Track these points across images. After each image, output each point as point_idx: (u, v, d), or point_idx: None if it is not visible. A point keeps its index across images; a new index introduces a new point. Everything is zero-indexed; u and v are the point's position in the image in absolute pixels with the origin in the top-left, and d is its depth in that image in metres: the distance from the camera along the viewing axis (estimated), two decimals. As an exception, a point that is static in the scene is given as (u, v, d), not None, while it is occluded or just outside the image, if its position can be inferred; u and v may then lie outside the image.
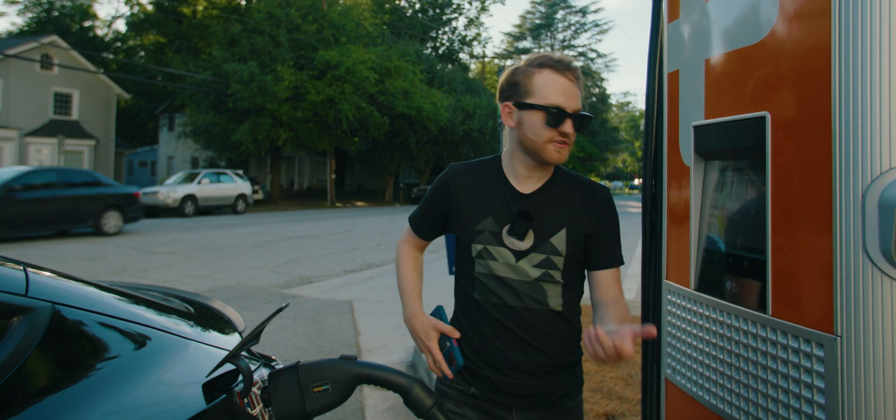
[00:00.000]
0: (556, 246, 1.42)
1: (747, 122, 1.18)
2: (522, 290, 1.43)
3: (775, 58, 1.11)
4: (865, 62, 0.93)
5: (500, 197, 1.46)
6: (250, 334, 1.23)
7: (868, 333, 0.93)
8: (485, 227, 1.46)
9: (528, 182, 1.46)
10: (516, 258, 1.43)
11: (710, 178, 1.37)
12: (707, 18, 1.34)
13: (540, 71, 1.42)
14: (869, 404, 0.93)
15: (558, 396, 1.47)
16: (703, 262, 1.36)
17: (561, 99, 1.38)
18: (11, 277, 0.94)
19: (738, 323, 1.20)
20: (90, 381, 0.98)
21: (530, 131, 1.41)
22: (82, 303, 1.05)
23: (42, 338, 0.92)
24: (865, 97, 0.93)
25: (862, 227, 0.93)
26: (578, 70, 1.44)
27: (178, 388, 1.13)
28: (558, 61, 1.42)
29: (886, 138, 0.92)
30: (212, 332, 1.37)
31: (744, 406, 1.19)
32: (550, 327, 1.44)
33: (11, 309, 0.90)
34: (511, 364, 1.45)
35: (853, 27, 0.94)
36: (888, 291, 0.92)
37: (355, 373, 1.23)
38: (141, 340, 1.13)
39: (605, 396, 3.35)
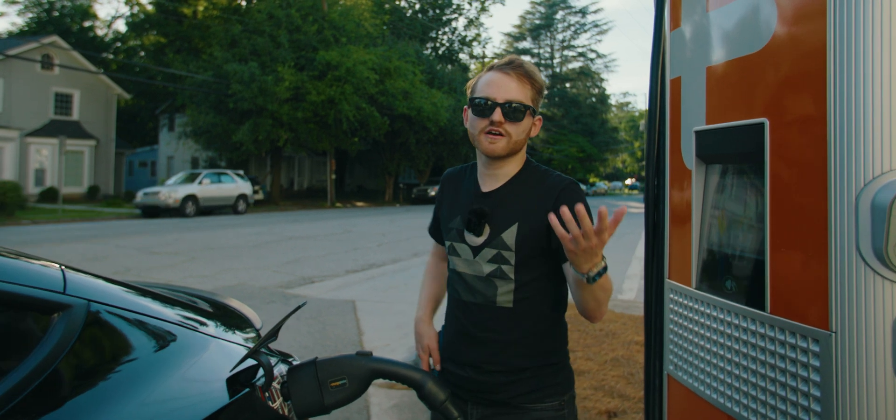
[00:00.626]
0: (505, 241, 1.45)
1: (747, 128, 1.23)
2: (475, 286, 1.50)
3: (773, 67, 1.17)
4: (858, 74, 0.98)
5: (467, 196, 1.55)
6: (270, 332, 1.28)
7: (861, 329, 0.98)
8: (453, 225, 1.55)
9: (490, 181, 1.53)
10: (473, 254, 1.50)
11: (711, 180, 1.42)
12: (708, 27, 1.39)
13: (486, 73, 1.52)
14: (861, 396, 0.98)
15: (514, 395, 1.47)
16: (704, 261, 1.42)
17: (490, 90, 1.45)
18: (51, 276, 1.00)
19: (737, 320, 1.26)
20: (123, 375, 1.03)
21: (470, 126, 1.51)
22: (114, 301, 1.10)
23: (79, 333, 0.97)
24: (858, 106, 0.98)
25: (855, 229, 0.99)
26: (523, 67, 1.48)
27: (203, 382, 1.18)
28: (503, 62, 1.51)
29: (878, 145, 0.97)
30: (231, 330, 1.42)
31: (743, 400, 1.24)
32: (498, 325, 1.47)
33: (52, 306, 0.95)
34: (464, 358, 1.52)
35: (847, 41, 1.00)
36: (880, 290, 0.97)
37: (371, 368, 1.29)
38: (168, 337, 1.18)
39: (606, 394, 3.40)
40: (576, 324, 5.16)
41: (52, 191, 26.04)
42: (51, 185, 27.17)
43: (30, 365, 0.86)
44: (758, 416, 1.19)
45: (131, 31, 38.70)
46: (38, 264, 1.03)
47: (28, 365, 0.86)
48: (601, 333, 4.81)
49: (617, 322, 5.25)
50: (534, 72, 1.50)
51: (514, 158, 1.52)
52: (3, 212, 17.94)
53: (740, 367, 1.25)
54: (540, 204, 1.45)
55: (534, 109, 1.49)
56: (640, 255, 11.24)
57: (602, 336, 4.73)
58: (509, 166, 1.52)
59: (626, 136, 71.40)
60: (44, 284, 0.96)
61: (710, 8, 1.39)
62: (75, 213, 21.04)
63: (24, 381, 0.84)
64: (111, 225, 17.64)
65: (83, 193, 29.33)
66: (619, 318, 5.43)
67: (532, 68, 1.51)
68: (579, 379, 3.66)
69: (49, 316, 0.95)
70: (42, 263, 1.05)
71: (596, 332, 4.84)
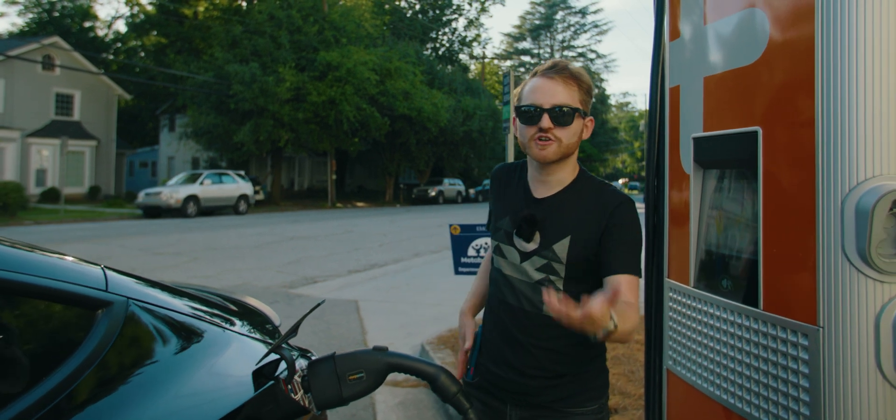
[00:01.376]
0: (557, 253, 1.45)
1: (741, 136, 1.30)
2: (522, 290, 1.50)
3: (766, 79, 1.24)
4: (844, 88, 1.06)
5: (519, 199, 1.56)
6: (291, 328, 1.36)
7: (846, 325, 1.06)
8: (502, 226, 1.56)
9: (542, 187, 1.54)
10: (521, 259, 1.50)
11: (708, 185, 1.50)
12: (705, 40, 1.47)
13: (531, 79, 1.52)
14: (846, 387, 1.06)
15: (554, 400, 1.49)
16: (701, 261, 1.49)
17: (537, 97, 1.46)
18: (94, 275, 1.07)
19: (733, 317, 1.33)
20: (159, 369, 1.11)
21: (519, 134, 1.52)
22: (149, 299, 1.17)
23: (121, 329, 1.04)
24: (843, 118, 1.06)
25: (841, 231, 1.06)
26: (568, 70, 1.47)
27: (230, 375, 1.25)
28: (548, 67, 1.50)
29: (862, 153, 1.05)
30: (253, 327, 1.50)
31: (738, 392, 1.31)
32: (543, 332, 1.47)
33: (96, 302, 1.02)
34: (505, 360, 1.53)
35: (833, 59, 1.07)
36: (863, 288, 1.04)
37: (387, 362, 1.36)
38: (198, 333, 1.25)
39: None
40: (577, 323, 5.23)
41: (53, 191, 26.10)
42: (52, 185, 27.23)
43: (81, 356, 0.93)
44: (751, 406, 1.27)
45: (132, 32, 38.77)
46: (83, 264, 1.11)
47: (79, 356, 0.94)
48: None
49: (617, 321, 5.32)
50: (580, 73, 1.49)
51: (567, 165, 1.51)
52: (6, 212, 18.01)
53: (735, 360, 1.32)
54: (593, 217, 1.45)
55: (583, 111, 1.48)
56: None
57: (603, 335, 4.80)
58: (562, 173, 1.51)
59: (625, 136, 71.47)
60: (89, 282, 1.03)
61: (707, 21, 1.47)
62: (77, 213, 21.11)
63: (77, 370, 0.91)
64: (113, 225, 17.72)
65: (84, 194, 29.40)
66: (619, 318, 5.50)
67: (578, 69, 1.50)
68: (581, 376, 3.73)
69: (94, 312, 1.02)
70: (83, 263, 1.13)
71: (596, 331, 4.91)
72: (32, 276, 0.93)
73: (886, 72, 1.04)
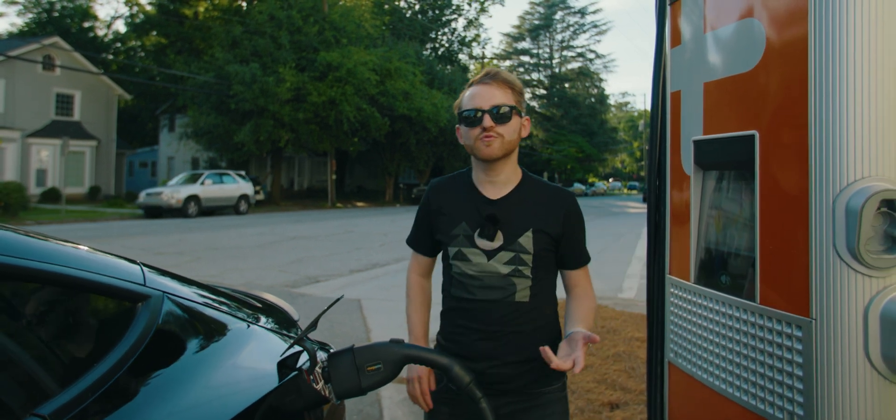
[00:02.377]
0: (524, 245, 1.61)
1: (739, 139, 1.38)
2: (493, 284, 1.62)
3: (762, 85, 1.32)
4: (835, 95, 1.13)
5: (471, 204, 1.66)
6: (311, 323, 1.43)
7: (836, 317, 1.13)
8: (459, 232, 1.65)
9: (493, 189, 1.66)
10: (488, 258, 1.62)
11: (708, 185, 1.57)
12: (705, 47, 1.54)
13: (468, 88, 1.67)
14: (837, 374, 1.13)
15: (525, 384, 1.62)
16: (701, 258, 1.57)
17: (476, 102, 1.60)
18: (133, 271, 1.14)
19: (731, 311, 1.41)
20: (193, 359, 1.18)
21: (464, 138, 1.64)
22: (182, 294, 1.25)
23: (159, 321, 1.12)
24: (835, 123, 1.13)
25: (832, 229, 1.14)
26: (502, 76, 1.65)
27: (257, 366, 1.33)
28: (482, 76, 1.66)
29: (851, 157, 1.12)
30: (275, 322, 1.57)
31: (736, 381, 1.39)
32: (516, 318, 1.62)
33: (137, 296, 1.10)
34: (480, 354, 1.62)
35: (826, 67, 1.15)
36: (852, 282, 1.12)
37: (404, 354, 1.43)
38: (226, 326, 1.33)
39: (609, 387, 3.55)
40: (578, 321, 5.31)
41: (53, 191, 26.15)
42: (52, 185, 27.28)
43: (126, 345, 1.00)
44: (749, 395, 1.34)
45: (132, 32, 38.82)
46: (123, 261, 1.18)
47: (124, 345, 1.01)
48: (603, 330, 4.96)
49: (618, 319, 5.41)
50: (511, 77, 1.67)
51: (510, 163, 1.66)
52: (7, 213, 18.06)
53: (733, 352, 1.40)
54: (550, 213, 1.64)
55: (519, 110, 1.64)
56: (639, 255, 11.40)
57: (604, 333, 4.88)
58: (507, 171, 1.65)
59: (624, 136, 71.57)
60: (131, 278, 1.10)
61: (706, 29, 1.54)
62: (78, 213, 21.16)
63: (123, 358, 0.98)
64: (114, 225, 17.77)
65: (84, 194, 29.44)
66: (619, 316, 5.59)
67: (508, 75, 1.67)
68: (582, 373, 3.80)
69: (134, 304, 1.09)
70: (122, 259, 1.20)
71: (598, 330, 4.99)
72: (84, 271, 1.00)
73: (874, 81, 1.12)
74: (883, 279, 1.11)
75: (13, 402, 0.85)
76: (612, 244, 13.52)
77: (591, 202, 39.81)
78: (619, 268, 9.85)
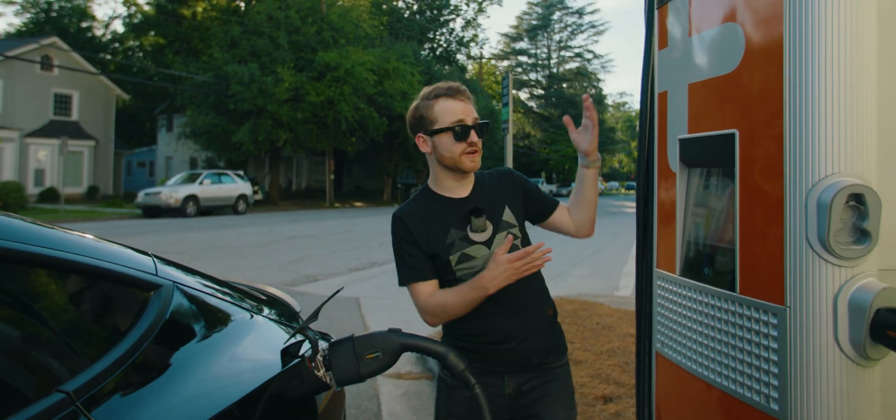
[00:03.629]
0: (508, 221, 1.77)
1: (721, 138, 1.45)
2: None
3: (742, 87, 1.39)
4: (807, 96, 1.20)
5: (448, 211, 1.75)
6: (313, 313, 1.50)
7: (809, 304, 1.20)
8: (453, 238, 1.74)
9: (461, 189, 1.78)
10: (489, 246, 1.74)
11: (693, 182, 1.64)
12: (690, 50, 1.61)
13: (436, 101, 1.74)
14: (809, 360, 1.20)
15: (543, 358, 1.77)
16: (686, 252, 1.64)
17: (457, 116, 1.70)
18: (145, 262, 1.21)
19: (713, 301, 1.48)
20: (201, 344, 1.25)
21: (446, 150, 1.72)
22: (191, 284, 1.31)
23: (171, 308, 1.18)
24: (807, 123, 1.20)
25: (805, 222, 1.21)
26: (465, 91, 1.78)
27: (261, 353, 1.39)
28: (447, 89, 1.75)
29: (823, 154, 1.19)
30: (277, 312, 1.64)
31: (718, 368, 1.46)
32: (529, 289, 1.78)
33: (150, 285, 1.16)
34: (504, 335, 1.73)
35: (800, 69, 1.22)
36: (823, 271, 1.19)
37: (401, 343, 1.50)
38: (231, 315, 1.39)
39: (602, 381, 3.63)
40: (574, 318, 5.38)
41: (51, 191, 26.16)
42: (50, 185, 27.30)
43: (139, 330, 1.07)
44: (729, 380, 1.41)
45: (130, 32, 38.84)
46: (135, 252, 1.25)
47: (138, 330, 1.07)
48: (598, 327, 5.04)
49: (613, 316, 5.48)
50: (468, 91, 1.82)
51: None
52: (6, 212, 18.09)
53: (716, 340, 1.47)
54: (507, 189, 1.84)
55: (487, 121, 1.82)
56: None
57: (599, 329, 4.96)
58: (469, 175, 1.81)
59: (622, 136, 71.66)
60: (144, 268, 1.17)
61: (691, 33, 1.61)
62: (77, 213, 21.19)
63: (137, 342, 1.05)
64: (113, 225, 17.81)
65: (83, 194, 29.46)
66: (615, 313, 5.66)
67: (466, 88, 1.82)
68: (577, 368, 3.88)
69: (147, 293, 1.16)
70: (134, 251, 1.26)
71: (593, 326, 5.07)
72: (101, 261, 1.07)
73: (843, 84, 1.19)
74: (851, 269, 1.18)
75: (39, 380, 0.92)
76: (610, 243, 13.60)
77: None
78: (616, 267, 9.93)
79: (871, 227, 1.17)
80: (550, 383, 1.77)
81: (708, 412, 1.54)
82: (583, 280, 8.32)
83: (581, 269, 9.51)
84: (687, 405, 1.67)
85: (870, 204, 1.17)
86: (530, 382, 1.75)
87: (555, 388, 1.78)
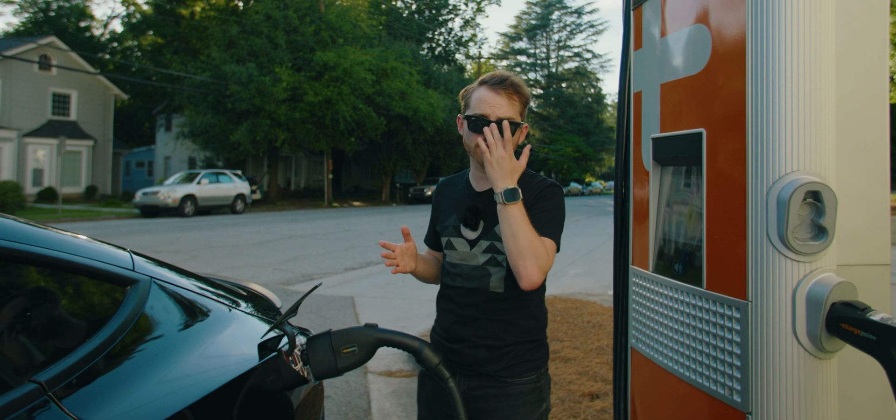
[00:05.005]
0: (498, 234, 1.67)
1: (690, 137, 1.48)
2: (471, 274, 1.73)
3: (708, 87, 1.42)
4: (768, 98, 1.24)
5: (462, 197, 1.77)
6: (291, 308, 1.53)
7: (769, 298, 1.23)
8: (449, 222, 1.77)
9: (483, 182, 1.75)
10: (470, 246, 1.73)
11: (665, 180, 1.68)
12: (661, 51, 1.64)
13: (477, 88, 1.71)
14: (768, 351, 1.23)
15: (498, 369, 1.70)
16: (658, 248, 1.67)
17: (484, 108, 1.65)
18: (122, 257, 1.24)
19: (682, 296, 1.51)
20: (177, 338, 1.28)
21: (465, 137, 1.72)
22: (168, 279, 1.34)
23: (146, 302, 1.21)
24: (768, 122, 1.24)
25: (765, 219, 1.24)
26: (512, 85, 1.67)
27: (238, 346, 1.42)
28: (491, 78, 1.70)
29: (782, 153, 1.22)
30: (257, 308, 1.67)
31: (686, 362, 1.49)
32: (490, 306, 1.70)
33: (126, 280, 1.19)
34: (458, 336, 1.73)
35: (762, 72, 1.25)
36: (782, 266, 1.22)
37: (377, 337, 1.54)
38: (210, 310, 1.42)
39: (590, 379, 3.66)
40: (566, 316, 5.42)
41: (50, 191, 26.18)
42: (49, 185, 27.31)
43: (114, 324, 1.10)
44: (696, 374, 1.45)
45: (129, 32, 38.86)
46: (112, 248, 1.28)
47: (113, 324, 1.10)
48: (589, 325, 5.07)
49: (604, 315, 5.51)
50: (521, 85, 1.71)
51: None
52: (4, 212, 18.12)
53: (685, 335, 1.50)
54: (525, 201, 1.67)
55: (520, 122, 1.71)
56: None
57: (589, 328, 4.99)
58: None
59: (621, 135, 71.48)
60: (120, 263, 1.20)
61: (663, 34, 1.65)
62: (75, 212, 21.20)
63: (111, 336, 1.08)
64: (111, 224, 17.83)
65: (81, 193, 29.47)
66: (606, 312, 5.70)
67: (519, 82, 1.71)
68: (566, 366, 3.91)
69: (123, 287, 1.19)
70: (112, 247, 1.30)
71: (584, 324, 5.10)
72: (77, 256, 1.10)
73: (802, 85, 1.22)
74: (809, 264, 1.22)
75: (13, 371, 0.95)
76: (606, 242, 13.64)
77: (587, 201, 39.92)
78: (610, 266, 9.96)
79: (828, 223, 1.21)
80: (504, 399, 1.70)
81: (678, 406, 1.58)
82: (576, 279, 8.35)
83: (575, 269, 9.55)
84: (659, 399, 1.70)
85: (826, 201, 1.20)
86: (481, 390, 1.71)
87: (509, 404, 1.70)
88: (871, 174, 1.32)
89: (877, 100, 1.35)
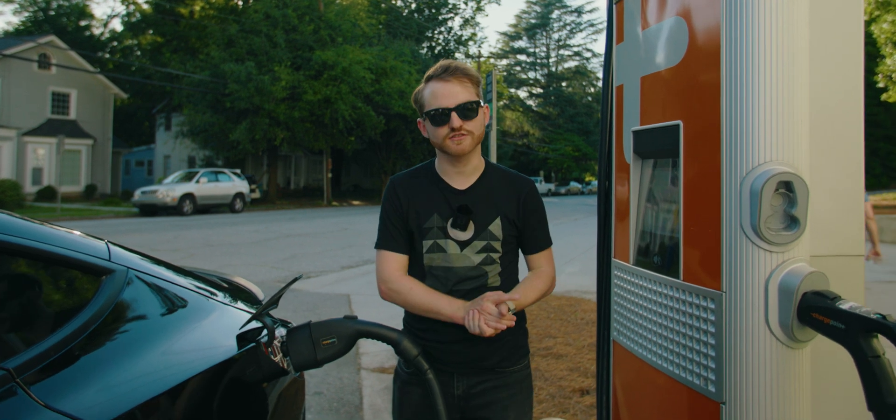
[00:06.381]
0: (493, 233, 1.69)
1: (668, 129, 1.48)
2: (466, 274, 1.70)
3: (685, 79, 1.42)
4: (742, 90, 1.24)
5: (440, 196, 1.72)
6: (271, 299, 1.54)
7: (742, 288, 1.24)
8: (433, 225, 1.71)
9: (461, 178, 1.72)
10: (461, 248, 1.70)
11: (646, 173, 1.68)
12: (641, 44, 1.65)
13: (426, 85, 1.71)
14: (742, 341, 1.24)
15: (498, 362, 1.72)
16: (639, 241, 1.67)
17: (441, 101, 1.65)
18: (98, 247, 1.25)
19: (660, 287, 1.51)
20: (153, 327, 1.28)
21: (432, 135, 1.70)
22: (145, 270, 1.35)
23: (121, 293, 1.22)
24: (742, 114, 1.24)
25: (739, 209, 1.24)
26: (460, 69, 1.67)
27: (217, 336, 1.43)
28: (437, 69, 1.70)
29: (755, 144, 1.23)
30: (238, 299, 1.67)
31: (664, 353, 1.50)
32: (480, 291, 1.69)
33: (100, 270, 1.20)
34: (454, 337, 1.70)
35: (736, 64, 1.26)
36: (755, 257, 1.23)
37: (356, 329, 1.54)
38: (188, 300, 1.43)
39: (581, 375, 3.67)
40: (559, 313, 5.42)
41: (49, 190, 26.19)
42: (48, 183, 27.33)
43: (87, 314, 1.11)
44: (674, 365, 1.45)
45: (128, 31, 38.87)
46: (89, 238, 1.28)
47: (85, 314, 1.11)
48: (582, 322, 5.08)
49: (599, 312, 5.52)
50: (468, 69, 1.72)
51: (476, 152, 1.75)
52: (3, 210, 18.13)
53: (662, 326, 1.50)
54: (512, 198, 1.73)
55: (480, 102, 1.71)
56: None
57: (582, 325, 5.00)
58: (474, 160, 1.74)
59: (621, 135, 71.52)
60: (96, 253, 1.21)
61: (643, 27, 1.65)
62: (74, 211, 21.22)
63: (82, 326, 1.08)
64: (110, 223, 17.84)
65: (80, 192, 29.49)
66: (601, 309, 5.70)
67: (465, 66, 1.72)
68: (558, 362, 3.92)
69: (98, 278, 1.20)
70: (89, 238, 1.30)
71: (577, 321, 5.11)
72: (51, 246, 1.10)
73: (775, 77, 1.23)
74: (781, 254, 1.22)
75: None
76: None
77: (586, 200, 39.92)
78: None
79: (800, 213, 1.21)
80: (503, 388, 1.73)
81: (658, 398, 1.58)
82: (572, 277, 8.36)
83: (572, 266, 9.56)
84: (641, 392, 1.71)
85: (798, 191, 1.21)
86: (481, 385, 1.71)
87: (508, 393, 1.73)
88: (845, 167, 1.33)
89: (851, 93, 1.35)
